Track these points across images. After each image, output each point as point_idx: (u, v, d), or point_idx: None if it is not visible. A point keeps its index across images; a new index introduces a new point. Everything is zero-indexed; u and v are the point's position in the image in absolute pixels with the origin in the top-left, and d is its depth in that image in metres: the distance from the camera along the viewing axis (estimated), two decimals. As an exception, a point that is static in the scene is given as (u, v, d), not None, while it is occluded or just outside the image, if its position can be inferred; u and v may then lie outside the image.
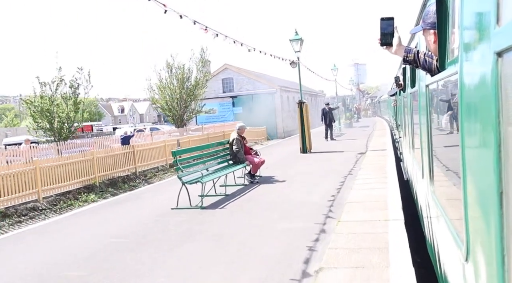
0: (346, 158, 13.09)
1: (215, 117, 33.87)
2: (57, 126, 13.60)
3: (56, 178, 10.25)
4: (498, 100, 1.18)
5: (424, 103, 3.35)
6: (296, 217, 6.54)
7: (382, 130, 24.02)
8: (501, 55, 1.15)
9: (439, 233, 2.89)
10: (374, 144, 16.67)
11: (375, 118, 46.82)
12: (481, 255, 1.50)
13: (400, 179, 8.43)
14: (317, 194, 8.05)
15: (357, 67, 75.71)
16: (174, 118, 21.54)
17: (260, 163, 10.23)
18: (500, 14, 1.15)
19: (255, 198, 8.25)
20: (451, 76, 2.04)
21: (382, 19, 2.58)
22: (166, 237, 6.02)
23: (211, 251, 5.26)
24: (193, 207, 7.61)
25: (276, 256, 4.85)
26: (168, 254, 5.25)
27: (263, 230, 5.98)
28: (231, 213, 7.15)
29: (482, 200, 1.46)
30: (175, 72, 21.23)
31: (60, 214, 9.05)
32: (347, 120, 34.32)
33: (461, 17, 1.66)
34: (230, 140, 9.95)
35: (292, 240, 5.39)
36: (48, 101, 13.43)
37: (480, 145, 1.44)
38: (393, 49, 2.61)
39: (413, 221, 5.70)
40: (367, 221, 5.72)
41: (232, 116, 33.56)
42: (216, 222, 6.66)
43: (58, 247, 6.05)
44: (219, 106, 34.62)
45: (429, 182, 3.37)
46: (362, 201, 6.92)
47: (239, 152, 9.78)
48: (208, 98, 33.34)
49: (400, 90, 8.03)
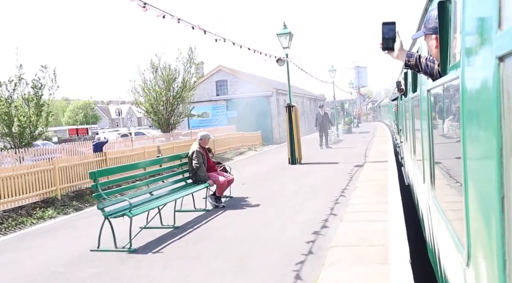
0: (340, 171, 11.34)
1: (209, 121, 32.68)
2: (17, 131, 11.98)
3: (6, 191, 8.73)
4: (500, 105, 1.18)
5: (426, 108, 3.35)
6: (257, 269, 4.61)
7: (383, 137, 22.30)
8: (503, 59, 1.16)
9: (440, 237, 2.88)
10: (374, 153, 15.03)
11: (376, 123, 44.94)
12: (482, 260, 1.50)
13: (401, 184, 8.39)
14: (295, 226, 6.23)
15: (357, 70, 73.05)
16: (160, 123, 20.16)
17: (226, 183, 8.21)
18: (502, 19, 1.16)
19: (211, 232, 6.31)
20: (452, 81, 2.05)
21: (383, 24, 2.59)
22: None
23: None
24: (119, 249, 5.63)
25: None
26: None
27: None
28: (166, 262, 5.10)
29: (483, 205, 1.45)
30: (161, 73, 19.87)
31: (4, 235, 7.60)
32: (345, 125, 32.09)
33: (462, 22, 1.66)
34: (190, 154, 8.05)
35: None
36: (5, 103, 11.75)
37: (482, 149, 1.44)
38: (394, 53, 2.62)
39: (414, 225, 5.68)
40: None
41: (226, 120, 32.26)
42: (137, 279, 4.64)
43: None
44: (213, 109, 33.31)
45: (430, 187, 3.36)
46: (353, 244, 5.01)
47: (200, 168, 7.87)
48: (201, 101, 32.21)
49: (401, 95, 8.03)
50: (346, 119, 33.42)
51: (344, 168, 11.88)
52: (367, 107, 74.83)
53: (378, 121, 52.31)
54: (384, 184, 8.59)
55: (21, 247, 6.59)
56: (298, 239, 5.59)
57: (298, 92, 40.72)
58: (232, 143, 22.65)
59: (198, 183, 7.95)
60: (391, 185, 8.29)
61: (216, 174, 8.24)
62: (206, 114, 33.26)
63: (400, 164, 11.28)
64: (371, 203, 7.16)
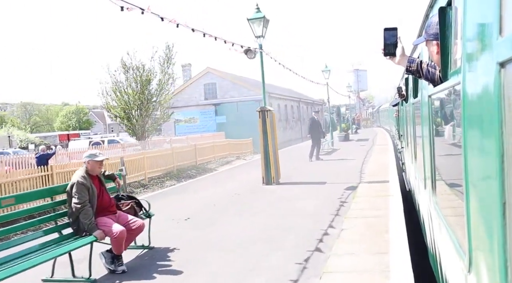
0: (325, 197, 8.48)
1: (196, 127, 30.51)
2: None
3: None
4: (501, 111, 1.18)
5: (427, 114, 3.35)
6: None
7: (384, 145, 19.93)
8: (504, 65, 1.16)
9: (441, 243, 2.88)
10: (372, 166, 12.55)
11: (376, 129, 41.91)
12: (483, 266, 1.49)
13: (402, 190, 8.36)
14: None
15: (357, 74, 69.57)
16: (134, 129, 18.25)
17: (128, 233, 5.03)
18: (502, 25, 1.16)
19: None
20: (453, 87, 2.05)
21: (385, 30, 2.59)
22: None
23: None
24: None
25: None
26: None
27: None
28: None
29: (484, 210, 1.45)
30: (133, 74, 17.90)
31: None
32: (342, 132, 28.57)
33: (463, 28, 1.67)
34: (69, 187, 5.01)
35: None
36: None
37: (483, 155, 1.44)
38: (396, 59, 2.62)
39: (415, 231, 5.65)
40: None
41: (215, 126, 30.16)
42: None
43: None
44: (200, 115, 31.26)
45: (431, 192, 3.36)
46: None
47: (83, 211, 4.83)
48: (188, 106, 30.98)
49: (402, 100, 8.04)
50: (343, 126, 29.71)
51: (331, 192, 9.02)
52: (367, 112, 71.79)
53: (377, 126, 51.16)
54: (384, 225, 5.83)
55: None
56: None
57: (294, 96, 38.95)
58: (218, 151, 20.77)
59: (82, 234, 4.88)
60: (395, 232, 5.41)
61: (114, 217, 5.12)
62: (193, 119, 31.61)
63: (401, 170, 11.27)
64: (360, 271, 4.27)
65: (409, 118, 6.69)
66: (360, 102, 66.62)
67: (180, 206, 9.21)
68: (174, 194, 11.28)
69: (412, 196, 6.85)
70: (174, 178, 14.98)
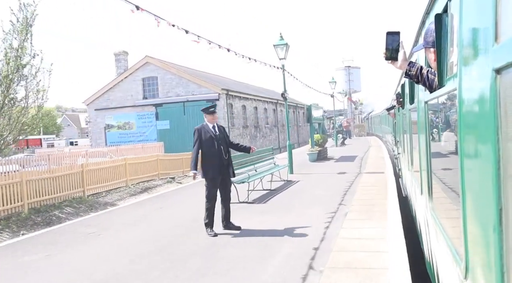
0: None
1: (132, 135, 24.44)
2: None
3: None
4: (497, 117, 1.19)
5: (423, 120, 3.36)
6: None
7: (379, 165, 13.85)
8: (500, 72, 1.17)
9: (438, 249, 2.87)
10: (348, 245, 5.25)
11: (370, 138, 34.90)
12: (480, 272, 1.49)
13: (399, 195, 8.37)
14: None
15: (348, 71, 58.01)
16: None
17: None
18: (498, 32, 1.17)
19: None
20: (450, 93, 2.06)
21: (388, 34, 2.59)
22: None
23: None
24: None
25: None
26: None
27: None
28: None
29: (481, 216, 1.45)
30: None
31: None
32: (315, 148, 17.34)
33: (459, 34, 1.68)
34: None
35: None
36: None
37: (479, 161, 1.44)
38: (398, 64, 2.62)
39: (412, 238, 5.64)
40: None
41: (155, 133, 23.98)
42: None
43: None
44: (138, 118, 24.51)
45: (428, 199, 3.36)
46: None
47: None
48: (122, 107, 24.67)
49: (399, 106, 8.06)
50: (316, 138, 17.74)
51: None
52: (360, 118, 60.22)
53: (370, 135, 42.80)
54: None
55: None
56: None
57: (267, 97, 31.84)
58: (134, 173, 14.48)
59: None
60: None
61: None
62: (128, 125, 24.84)
63: (398, 176, 11.30)
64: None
65: (406, 124, 6.71)
66: (351, 105, 57.35)
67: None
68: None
69: (408, 201, 6.86)
70: (14, 225, 9.02)
